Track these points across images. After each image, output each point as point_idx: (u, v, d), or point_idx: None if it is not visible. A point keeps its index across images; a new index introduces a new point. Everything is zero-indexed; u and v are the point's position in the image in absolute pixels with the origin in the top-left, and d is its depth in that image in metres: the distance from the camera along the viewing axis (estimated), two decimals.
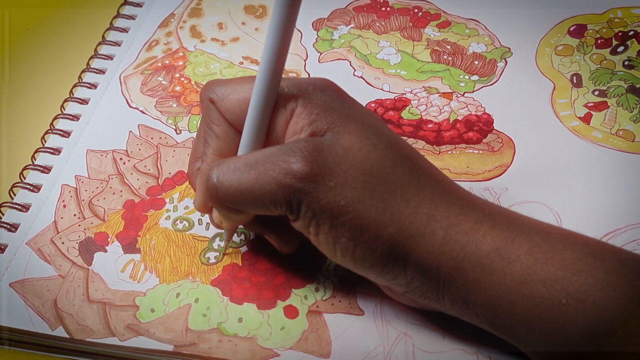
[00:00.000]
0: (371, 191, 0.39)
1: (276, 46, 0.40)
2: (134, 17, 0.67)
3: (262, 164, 0.40)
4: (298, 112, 0.41)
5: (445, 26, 0.64)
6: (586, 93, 0.58)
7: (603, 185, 0.52)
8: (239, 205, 0.41)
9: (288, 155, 0.39)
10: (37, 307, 0.46)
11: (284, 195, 0.39)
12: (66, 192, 0.53)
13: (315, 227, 0.40)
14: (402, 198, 0.40)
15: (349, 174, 0.39)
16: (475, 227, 0.39)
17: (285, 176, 0.39)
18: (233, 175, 0.41)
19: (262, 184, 0.40)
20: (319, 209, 0.39)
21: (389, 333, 0.45)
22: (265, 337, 0.45)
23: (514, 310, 0.39)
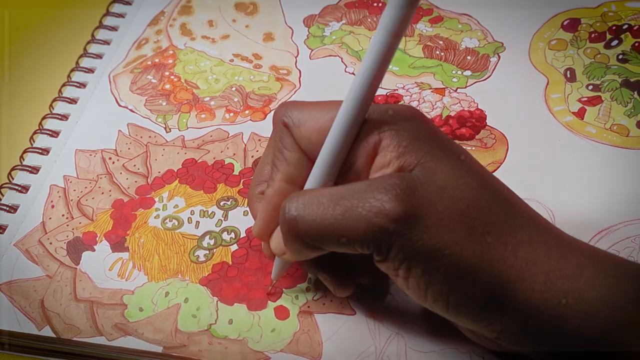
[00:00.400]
0: (468, 233, 0.36)
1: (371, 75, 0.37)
2: (123, 15, 0.66)
3: (349, 200, 0.37)
4: (385, 145, 0.38)
5: (437, 21, 0.64)
6: (580, 88, 0.57)
7: (597, 182, 0.51)
8: (320, 242, 0.39)
9: (379, 192, 0.36)
10: (23, 307, 0.46)
11: (373, 236, 0.36)
12: (55, 193, 0.52)
13: (406, 271, 0.37)
14: (500, 240, 0.37)
15: (444, 215, 0.36)
16: (577, 273, 0.37)
17: (376, 215, 0.36)
18: (317, 210, 0.38)
19: (349, 222, 0.37)
20: (412, 252, 0.36)
21: (381, 333, 0.44)
22: (256, 339, 0.44)
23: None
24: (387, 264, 0.38)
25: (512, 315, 0.37)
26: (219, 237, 0.49)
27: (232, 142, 0.55)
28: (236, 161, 0.54)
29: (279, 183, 0.42)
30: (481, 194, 0.38)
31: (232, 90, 0.59)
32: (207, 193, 0.52)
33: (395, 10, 0.35)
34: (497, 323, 0.37)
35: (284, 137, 0.41)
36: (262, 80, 0.60)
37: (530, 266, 0.37)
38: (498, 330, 0.38)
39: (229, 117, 0.57)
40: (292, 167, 0.41)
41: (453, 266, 0.36)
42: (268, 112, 0.57)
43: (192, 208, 0.51)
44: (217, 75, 0.60)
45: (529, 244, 0.37)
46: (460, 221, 0.37)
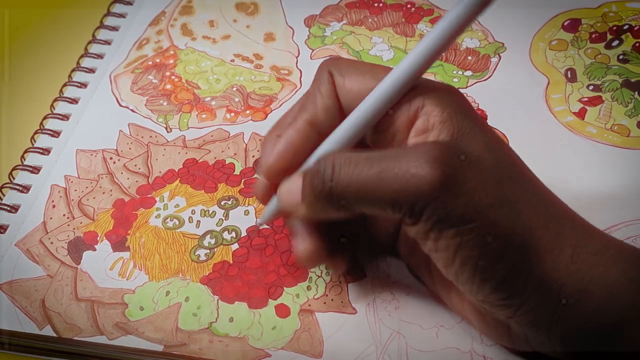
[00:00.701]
0: (502, 199, 0.37)
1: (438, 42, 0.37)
2: (124, 15, 0.66)
3: (386, 162, 0.37)
4: (429, 110, 0.38)
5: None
6: (581, 88, 0.57)
7: (598, 182, 0.51)
8: (353, 201, 0.38)
9: (417, 155, 0.36)
10: (24, 307, 0.46)
11: (407, 197, 0.36)
12: (55, 192, 0.52)
13: (437, 233, 0.37)
14: (533, 211, 0.38)
15: (480, 180, 0.37)
16: (602, 250, 0.38)
17: (412, 177, 0.36)
18: (353, 169, 0.37)
19: (384, 182, 0.37)
20: (446, 214, 0.36)
21: (382, 332, 0.44)
22: (256, 337, 0.44)
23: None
24: (418, 227, 0.37)
25: (537, 285, 0.37)
26: (220, 236, 0.49)
27: (233, 142, 0.55)
28: (237, 161, 0.54)
29: (302, 123, 0.41)
30: (513, 171, 0.38)
31: (233, 90, 0.59)
32: (208, 193, 0.52)
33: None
34: (517, 295, 0.37)
35: (323, 84, 0.41)
36: (263, 80, 0.60)
37: (560, 239, 0.37)
38: (517, 304, 0.38)
39: (230, 117, 0.57)
40: (321, 111, 0.41)
41: (486, 229, 0.36)
42: (269, 112, 0.57)
43: (193, 207, 0.51)
44: (218, 75, 0.60)
45: (558, 220, 0.38)
46: (495, 187, 0.37)
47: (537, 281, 0.37)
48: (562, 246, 0.37)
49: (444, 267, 0.38)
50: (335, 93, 0.41)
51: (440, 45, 0.37)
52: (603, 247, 0.38)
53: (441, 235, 0.37)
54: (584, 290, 0.37)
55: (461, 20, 0.37)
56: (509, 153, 0.40)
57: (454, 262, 0.37)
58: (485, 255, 0.37)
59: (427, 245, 0.38)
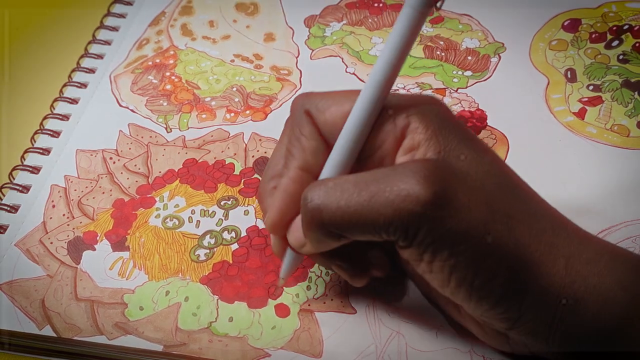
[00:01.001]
0: (494, 216, 0.37)
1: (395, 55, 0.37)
2: (124, 16, 0.66)
3: (375, 185, 0.37)
4: (413, 127, 0.38)
5: (438, 22, 0.64)
6: (580, 88, 0.57)
7: (598, 182, 0.51)
8: (344, 229, 0.38)
9: (407, 176, 0.36)
10: (24, 307, 0.46)
11: (401, 221, 0.36)
12: (55, 192, 0.52)
13: (431, 255, 0.37)
14: (524, 224, 0.37)
15: (471, 198, 0.36)
16: (596, 258, 0.38)
17: (404, 200, 0.36)
18: (341, 197, 0.37)
19: (375, 207, 0.36)
20: (439, 236, 0.36)
21: (382, 332, 0.44)
22: (256, 336, 0.44)
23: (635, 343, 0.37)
24: (411, 250, 0.37)
25: (533, 299, 0.37)
26: (220, 236, 0.49)
27: (233, 142, 0.55)
28: (237, 161, 0.54)
29: (295, 171, 0.41)
30: (502, 182, 0.38)
31: (233, 90, 0.59)
32: (208, 193, 0.52)
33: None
34: (516, 309, 0.37)
35: (303, 125, 0.41)
36: (263, 80, 0.60)
37: (553, 250, 0.37)
38: (515, 317, 0.38)
39: (230, 117, 0.57)
40: (310, 155, 0.41)
41: (480, 248, 0.36)
42: (269, 112, 0.57)
43: (193, 207, 0.51)
44: (218, 75, 0.60)
45: (551, 230, 0.38)
46: (486, 203, 0.37)
47: (533, 295, 0.37)
48: (556, 258, 0.37)
49: (439, 287, 0.38)
50: (318, 132, 0.41)
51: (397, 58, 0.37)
52: (597, 255, 0.38)
53: (435, 258, 0.37)
54: (580, 300, 0.37)
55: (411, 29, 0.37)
56: (498, 164, 0.39)
57: (450, 283, 0.37)
58: (480, 275, 0.37)
59: (421, 267, 0.38)
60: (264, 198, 0.43)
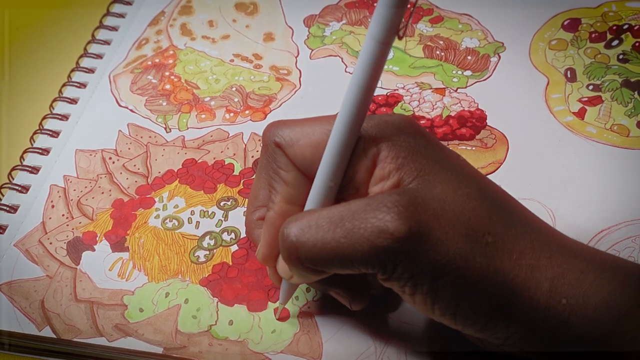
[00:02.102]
0: (472, 246, 0.36)
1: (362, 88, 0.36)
2: (123, 16, 0.66)
3: (349, 221, 0.36)
4: (383, 157, 0.38)
5: (438, 21, 0.64)
6: (580, 88, 0.57)
7: (597, 182, 0.51)
8: (322, 266, 0.38)
9: (380, 211, 0.36)
10: (24, 308, 0.46)
11: (377, 257, 0.36)
12: (55, 193, 0.52)
13: (412, 288, 0.37)
14: (504, 250, 0.37)
15: (448, 229, 0.36)
16: (581, 278, 0.37)
17: (379, 236, 0.35)
18: (316, 234, 0.37)
19: (351, 244, 0.36)
20: (418, 270, 0.36)
21: (381, 333, 0.44)
22: (256, 340, 0.44)
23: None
24: (392, 282, 0.37)
25: (518, 324, 0.37)
26: (219, 237, 0.49)
27: (233, 142, 0.55)
28: (236, 161, 0.54)
29: (279, 205, 0.41)
30: (481, 204, 0.37)
31: (233, 90, 0.59)
32: (208, 193, 0.52)
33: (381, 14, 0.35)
34: (503, 332, 0.37)
35: (277, 157, 0.41)
36: (263, 80, 0.60)
37: (535, 273, 0.37)
38: (504, 337, 0.38)
39: (229, 117, 0.57)
40: (291, 187, 0.41)
41: (459, 281, 0.36)
42: (268, 112, 0.57)
43: (193, 208, 0.51)
44: (218, 75, 0.60)
45: (532, 251, 0.37)
46: (463, 234, 0.36)
47: (520, 319, 0.37)
48: (539, 281, 0.37)
49: (425, 314, 0.38)
50: (293, 162, 0.40)
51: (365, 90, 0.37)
52: (582, 274, 0.37)
53: (416, 291, 0.37)
54: (566, 322, 0.37)
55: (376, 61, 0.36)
56: (478, 183, 0.39)
57: (434, 313, 0.38)
58: (463, 306, 0.37)
59: (405, 297, 0.38)
60: (251, 229, 0.44)
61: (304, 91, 0.59)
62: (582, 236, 0.47)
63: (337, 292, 0.43)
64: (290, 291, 0.44)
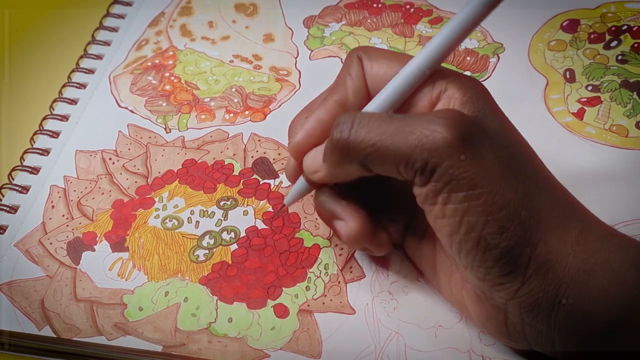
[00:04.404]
0: (513, 172, 0.37)
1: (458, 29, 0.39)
2: (123, 16, 0.66)
3: (406, 119, 0.38)
4: (450, 93, 0.39)
5: (437, 22, 0.64)
6: (579, 88, 0.57)
7: (597, 182, 0.51)
8: (368, 156, 0.38)
9: (436, 117, 0.37)
10: (24, 307, 0.46)
11: (421, 153, 0.36)
12: (55, 193, 0.52)
13: (447, 195, 0.37)
14: (542, 191, 0.38)
15: (493, 151, 0.37)
16: (608, 237, 0.38)
17: (429, 135, 0.36)
18: (372, 125, 0.38)
19: (401, 137, 0.37)
20: (457, 175, 0.36)
21: (381, 332, 0.44)
22: (255, 337, 0.44)
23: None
24: (427, 188, 0.37)
25: (539, 264, 0.37)
26: (219, 236, 0.49)
27: (232, 142, 0.55)
28: (236, 161, 0.54)
29: (332, 103, 0.42)
30: (524, 152, 0.40)
31: (232, 91, 0.59)
32: (207, 193, 0.52)
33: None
34: (520, 273, 0.37)
35: (352, 67, 0.43)
36: (262, 81, 0.60)
37: (566, 221, 0.38)
38: (519, 282, 0.37)
39: (229, 118, 0.57)
40: (351, 93, 0.42)
41: (495, 197, 0.37)
42: (268, 112, 0.57)
43: (192, 208, 0.51)
44: (217, 76, 0.61)
45: (565, 204, 0.39)
46: (508, 160, 0.38)
47: (542, 258, 0.37)
48: (568, 228, 0.38)
49: (448, 235, 0.38)
50: (364, 76, 0.42)
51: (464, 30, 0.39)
52: (608, 234, 0.38)
53: (450, 199, 0.37)
54: (589, 272, 0.37)
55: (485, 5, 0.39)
56: (523, 141, 0.41)
57: (459, 230, 0.37)
58: (491, 224, 0.37)
59: (434, 210, 0.38)
60: (294, 126, 0.45)
61: (304, 92, 0.59)
62: None
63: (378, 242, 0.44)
64: (300, 194, 0.45)
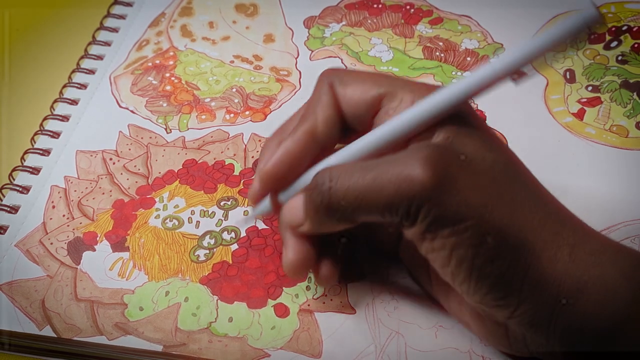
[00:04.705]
0: (498, 198, 0.37)
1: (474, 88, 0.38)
2: (124, 17, 0.66)
3: (380, 167, 0.37)
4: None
5: (437, 22, 0.64)
6: (579, 89, 0.57)
7: (596, 182, 0.51)
8: (351, 210, 0.38)
9: (410, 158, 0.37)
10: (24, 307, 0.46)
11: (402, 200, 0.36)
12: (55, 193, 0.52)
13: (433, 233, 0.37)
14: (529, 209, 0.38)
15: (474, 179, 0.37)
16: (601, 250, 0.38)
17: (405, 179, 0.36)
18: (350, 179, 0.38)
19: (379, 187, 0.37)
20: (440, 213, 0.36)
21: (381, 332, 0.44)
22: (255, 336, 0.44)
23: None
24: (415, 229, 0.37)
25: (533, 285, 0.37)
26: (219, 236, 0.49)
27: (233, 142, 0.55)
28: (236, 162, 0.54)
29: (302, 134, 0.42)
30: (508, 169, 0.39)
31: (233, 91, 0.59)
32: (208, 193, 0.52)
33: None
34: (515, 295, 0.37)
35: (323, 94, 0.42)
36: (263, 81, 0.60)
37: (557, 237, 0.37)
38: (515, 304, 0.37)
39: (230, 118, 0.57)
40: (321, 122, 0.42)
41: (481, 227, 0.36)
42: (268, 113, 0.57)
43: (193, 208, 0.51)
44: (218, 76, 0.61)
45: (556, 218, 0.38)
46: (490, 187, 0.37)
47: (535, 280, 0.37)
48: (560, 245, 0.37)
49: (440, 267, 0.38)
50: (336, 103, 0.42)
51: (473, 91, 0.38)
52: (601, 247, 0.38)
53: (437, 235, 0.37)
54: (582, 289, 0.37)
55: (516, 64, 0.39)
56: (507, 153, 0.40)
57: (450, 262, 0.37)
58: (481, 254, 0.37)
59: (424, 246, 0.38)
60: (265, 150, 0.45)
61: (304, 92, 0.59)
62: None
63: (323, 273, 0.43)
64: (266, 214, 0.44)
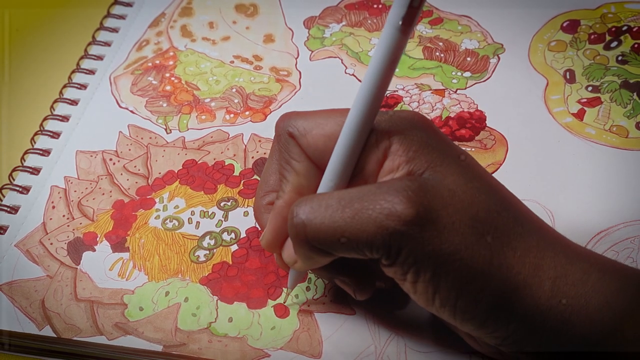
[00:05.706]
0: (478, 237, 0.36)
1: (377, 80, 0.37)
2: (124, 17, 0.66)
3: (358, 202, 0.36)
4: (394, 150, 0.38)
5: (437, 23, 0.64)
6: (579, 89, 0.57)
7: (596, 183, 0.51)
8: (328, 246, 0.38)
9: (390, 194, 0.36)
10: (24, 307, 0.46)
11: (383, 239, 0.36)
12: (55, 193, 0.52)
13: (415, 275, 0.37)
14: (509, 246, 0.37)
15: (455, 218, 0.36)
16: (584, 279, 0.37)
17: (387, 218, 0.35)
18: (325, 213, 0.37)
19: (358, 224, 0.36)
20: (422, 256, 0.36)
21: (381, 332, 0.44)
22: (255, 337, 0.44)
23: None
24: (395, 268, 0.37)
25: (519, 321, 0.37)
26: (219, 237, 0.49)
27: (233, 143, 0.55)
28: (236, 162, 0.54)
29: (289, 194, 0.41)
30: (490, 199, 0.38)
31: (233, 91, 0.59)
32: (208, 194, 0.52)
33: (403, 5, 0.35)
34: (503, 329, 0.37)
35: (290, 147, 0.41)
36: (263, 81, 0.60)
37: (538, 272, 0.37)
38: (503, 336, 0.38)
39: (230, 118, 0.57)
40: (302, 177, 0.41)
41: (463, 271, 0.36)
42: (268, 113, 0.57)
43: (193, 209, 0.51)
44: (218, 76, 0.61)
45: (536, 250, 0.37)
46: (470, 225, 0.36)
47: (521, 316, 0.37)
48: (541, 280, 0.37)
49: (424, 304, 0.38)
50: (305, 153, 0.41)
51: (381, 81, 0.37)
52: (584, 274, 0.37)
53: (418, 278, 0.37)
54: (566, 322, 0.37)
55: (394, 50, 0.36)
56: (486, 180, 0.39)
57: (434, 303, 0.37)
58: (464, 297, 0.37)
59: (406, 286, 0.38)
60: (260, 214, 0.44)
61: (304, 92, 0.59)
62: (581, 237, 0.47)
63: (343, 280, 0.43)
64: (299, 277, 0.44)
